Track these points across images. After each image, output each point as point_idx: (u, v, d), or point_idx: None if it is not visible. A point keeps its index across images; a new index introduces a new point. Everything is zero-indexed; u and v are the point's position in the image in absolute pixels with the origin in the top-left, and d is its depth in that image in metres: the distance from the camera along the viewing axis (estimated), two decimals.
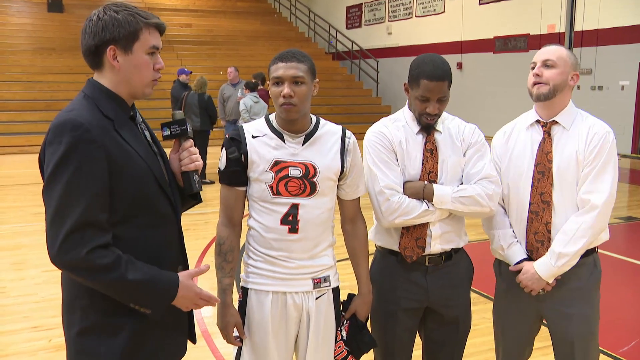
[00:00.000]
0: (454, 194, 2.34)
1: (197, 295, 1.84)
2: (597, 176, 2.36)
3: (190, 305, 1.85)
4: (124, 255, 1.69)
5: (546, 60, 2.42)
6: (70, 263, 1.64)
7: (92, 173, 1.66)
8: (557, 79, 2.41)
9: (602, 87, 13.14)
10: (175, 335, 1.94)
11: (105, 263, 1.64)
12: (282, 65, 2.15)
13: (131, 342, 1.78)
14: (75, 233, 1.62)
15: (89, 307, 1.76)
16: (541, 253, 2.45)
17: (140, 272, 1.70)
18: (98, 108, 1.76)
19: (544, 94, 2.42)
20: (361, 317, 2.37)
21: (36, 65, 16.55)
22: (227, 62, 16.73)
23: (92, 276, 1.65)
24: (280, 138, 2.22)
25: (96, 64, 1.81)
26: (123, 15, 1.77)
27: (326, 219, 2.26)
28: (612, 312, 4.39)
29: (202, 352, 3.75)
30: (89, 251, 1.62)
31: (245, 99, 9.29)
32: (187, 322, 2.01)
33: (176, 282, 1.78)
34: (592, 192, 2.36)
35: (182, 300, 1.81)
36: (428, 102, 2.35)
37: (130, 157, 1.76)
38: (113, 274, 1.65)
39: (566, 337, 2.48)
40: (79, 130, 1.65)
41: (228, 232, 2.27)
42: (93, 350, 1.76)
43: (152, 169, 1.82)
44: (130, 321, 1.77)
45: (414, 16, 18.54)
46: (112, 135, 1.73)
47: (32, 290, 4.94)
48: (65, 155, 1.64)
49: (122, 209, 1.74)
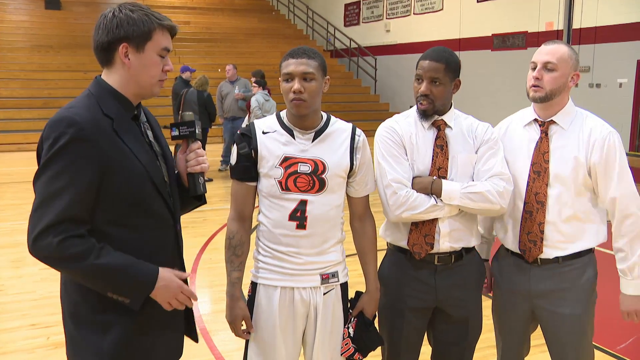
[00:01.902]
0: (463, 189, 2.33)
1: (179, 288, 1.82)
2: (620, 180, 2.37)
3: (170, 299, 1.81)
4: (98, 243, 1.70)
5: (547, 62, 2.39)
6: (43, 253, 1.67)
7: (80, 171, 1.67)
8: (556, 83, 2.39)
9: (600, 84, 13.14)
10: (170, 334, 1.94)
11: (77, 251, 1.66)
12: (293, 62, 2.17)
13: (121, 338, 1.78)
14: (52, 227, 1.65)
15: (81, 303, 1.78)
16: (533, 253, 2.44)
17: (114, 259, 1.70)
18: (99, 106, 1.76)
19: (540, 97, 2.41)
20: (368, 315, 2.38)
21: (34, 62, 16.49)
22: (226, 59, 16.71)
23: (65, 264, 1.68)
24: (290, 134, 2.23)
25: (107, 60, 1.82)
26: (138, 15, 1.79)
27: (334, 215, 2.27)
28: (610, 309, 4.39)
29: (200, 350, 3.75)
30: (60, 240, 1.64)
31: (257, 96, 9.33)
32: (183, 321, 2.00)
33: (155, 271, 1.78)
34: (621, 196, 2.37)
35: (163, 291, 1.78)
36: (422, 82, 2.36)
37: (125, 157, 1.76)
38: (86, 261, 1.66)
39: (557, 336, 2.48)
40: (72, 128, 1.67)
41: (238, 227, 2.29)
42: (83, 343, 1.78)
43: (149, 170, 1.82)
44: (121, 319, 1.78)
45: (412, 14, 18.52)
46: (109, 134, 1.74)
47: (30, 288, 4.95)
48: (57, 152, 1.66)
49: (114, 208, 1.75)
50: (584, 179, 2.41)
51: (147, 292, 1.77)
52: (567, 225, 2.42)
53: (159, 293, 1.79)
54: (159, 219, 1.86)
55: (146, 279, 1.76)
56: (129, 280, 1.74)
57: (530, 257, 2.46)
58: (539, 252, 2.44)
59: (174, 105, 10.32)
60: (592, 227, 2.46)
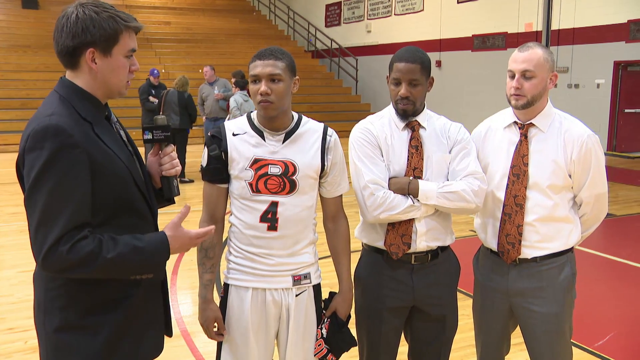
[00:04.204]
0: (440, 189, 2.35)
1: (192, 238, 1.85)
2: (592, 185, 2.46)
3: (188, 249, 1.88)
4: (104, 236, 1.68)
5: (525, 71, 2.39)
6: (56, 266, 1.64)
7: (77, 178, 1.65)
8: (537, 89, 2.40)
9: (578, 85, 13.32)
10: (152, 331, 1.94)
11: (87, 251, 1.63)
12: (260, 63, 2.16)
13: (110, 339, 1.77)
14: (60, 239, 1.61)
15: (68, 307, 1.75)
16: (512, 255, 2.47)
17: (124, 245, 1.70)
18: (76, 110, 1.73)
19: (522, 104, 2.42)
20: (342, 316, 2.37)
21: (11, 63, 16.28)
22: (206, 60, 16.63)
23: (82, 268, 1.65)
24: (260, 136, 2.22)
25: (72, 64, 1.77)
26: (103, 17, 1.73)
27: (306, 216, 2.26)
28: (587, 306, 4.45)
29: (181, 352, 3.73)
30: (69, 249, 1.61)
31: (236, 96, 9.28)
32: (163, 317, 2.01)
33: (165, 240, 1.78)
34: (594, 196, 2.48)
35: (180, 249, 1.83)
36: (400, 85, 2.37)
37: (110, 159, 1.75)
38: (99, 258, 1.65)
39: (534, 334, 2.51)
40: (61, 136, 1.63)
41: None
42: (73, 348, 1.76)
43: (131, 170, 1.82)
44: (110, 319, 1.77)
45: (393, 14, 18.60)
46: (92, 138, 1.72)
47: (8, 292, 4.87)
48: (49, 161, 1.62)
49: (103, 210, 1.73)
50: (564, 181, 2.43)
51: (166, 260, 1.81)
52: (546, 226, 2.45)
53: (176, 252, 1.83)
54: (140, 217, 1.86)
55: (161, 249, 1.77)
56: (148, 259, 1.75)
57: (508, 258, 2.48)
58: (517, 254, 2.46)
59: (144, 106, 10.26)
60: (570, 227, 2.49)
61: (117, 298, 1.79)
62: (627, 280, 5.38)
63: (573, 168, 2.42)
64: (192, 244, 1.86)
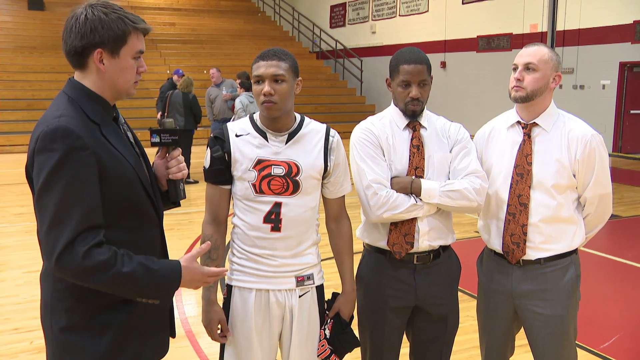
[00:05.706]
0: (442, 188, 2.36)
1: (204, 275, 1.85)
2: (596, 184, 2.45)
3: (200, 285, 1.88)
4: (119, 250, 1.68)
5: (528, 63, 2.41)
6: (70, 269, 1.63)
7: (87, 180, 1.65)
8: (538, 83, 2.41)
9: (583, 86, 13.28)
10: (158, 332, 1.95)
11: (103, 259, 1.63)
12: (263, 64, 2.17)
13: (116, 340, 1.78)
14: (74, 241, 1.61)
15: (75, 308, 1.75)
16: (517, 255, 2.46)
17: (138, 264, 1.69)
18: (84, 112, 1.73)
19: (521, 97, 2.43)
20: (345, 316, 2.38)
21: (17, 64, 16.33)
22: (211, 61, 16.67)
23: (95, 276, 1.64)
24: (263, 137, 2.23)
25: (80, 64, 1.78)
26: (112, 18, 1.73)
27: (309, 217, 2.26)
28: (593, 308, 4.44)
29: (186, 352, 3.74)
30: (85, 252, 1.61)
31: (241, 97, 9.28)
32: (168, 319, 2.01)
33: (178, 268, 1.79)
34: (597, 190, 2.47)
35: (190, 283, 1.83)
36: (410, 87, 2.38)
37: (118, 161, 1.75)
38: (113, 270, 1.64)
39: (539, 336, 2.50)
40: (71, 138, 1.63)
41: (213, 230, 2.28)
42: (79, 348, 1.76)
43: (138, 172, 1.82)
44: (116, 320, 1.78)
45: (398, 15, 18.59)
46: (100, 140, 1.72)
47: (13, 292, 4.89)
48: (59, 163, 1.62)
49: (111, 212, 1.73)
50: (568, 181, 2.43)
51: (175, 290, 1.80)
52: (550, 227, 2.44)
53: (186, 285, 1.83)
54: (147, 219, 1.86)
55: (173, 277, 1.77)
56: (157, 285, 1.75)
57: (513, 259, 2.48)
58: (522, 254, 2.46)
59: (158, 109, 10.28)
60: (574, 228, 2.48)
61: (123, 299, 1.79)
62: (632, 282, 5.36)
63: (577, 167, 2.42)
64: (203, 280, 1.86)
